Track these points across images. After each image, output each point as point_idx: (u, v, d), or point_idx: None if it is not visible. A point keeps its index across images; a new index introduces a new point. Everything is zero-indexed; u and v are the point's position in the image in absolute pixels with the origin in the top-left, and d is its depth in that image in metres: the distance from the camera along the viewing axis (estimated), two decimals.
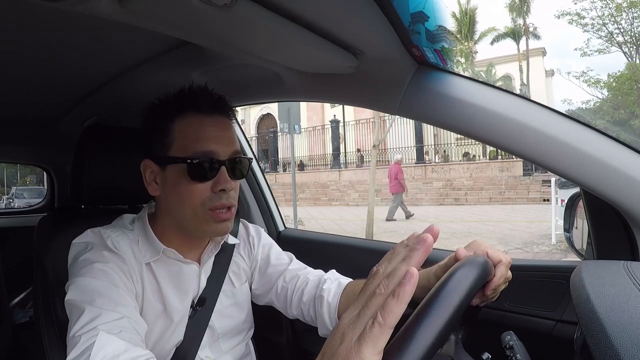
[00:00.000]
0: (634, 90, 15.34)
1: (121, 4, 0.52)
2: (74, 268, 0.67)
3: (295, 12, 0.59)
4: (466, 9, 19.27)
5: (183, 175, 0.68)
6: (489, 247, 0.61)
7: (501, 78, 20.73)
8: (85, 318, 0.57)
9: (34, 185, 17.59)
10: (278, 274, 0.88)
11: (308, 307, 0.83)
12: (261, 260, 0.90)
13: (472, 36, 19.56)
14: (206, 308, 0.79)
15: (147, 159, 0.73)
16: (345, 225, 8.86)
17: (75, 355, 0.54)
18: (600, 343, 0.43)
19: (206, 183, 0.69)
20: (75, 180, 0.91)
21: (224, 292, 0.83)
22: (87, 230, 0.74)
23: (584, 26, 16.44)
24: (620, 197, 0.65)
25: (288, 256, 0.93)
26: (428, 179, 13.65)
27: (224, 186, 0.69)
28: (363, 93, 0.84)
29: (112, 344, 0.54)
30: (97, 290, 0.62)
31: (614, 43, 16.43)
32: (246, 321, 0.88)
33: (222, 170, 0.70)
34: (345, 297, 0.80)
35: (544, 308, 0.88)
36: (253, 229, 0.94)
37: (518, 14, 20.04)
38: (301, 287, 0.85)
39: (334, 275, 0.86)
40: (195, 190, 0.69)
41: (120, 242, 0.71)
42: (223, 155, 0.70)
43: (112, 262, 0.67)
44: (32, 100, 1.22)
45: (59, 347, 0.84)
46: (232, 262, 0.87)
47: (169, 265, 0.76)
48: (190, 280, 0.78)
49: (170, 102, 0.72)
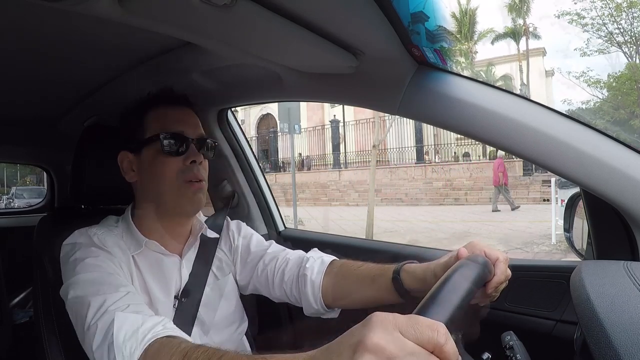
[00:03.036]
0: (634, 90, 15.34)
1: (121, 4, 0.52)
2: (67, 269, 0.71)
3: (295, 12, 0.59)
4: (466, 9, 19.32)
5: (158, 153, 0.77)
6: (485, 247, 0.62)
7: (501, 78, 20.72)
8: (93, 308, 0.60)
9: (33, 185, 17.60)
10: (258, 259, 0.90)
11: (291, 287, 0.84)
12: (242, 250, 0.93)
13: (472, 36, 19.57)
14: (192, 300, 0.82)
15: (123, 151, 0.82)
16: (345, 225, 8.90)
17: (99, 342, 0.57)
18: (600, 343, 0.43)
19: (178, 157, 0.77)
20: (75, 180, 0.91)
21: (209, 284, 0.86)
22: (75, 231, 0.77)
23: (583, 26, 16.48)
24: (620, 197, 0.65)
25: (268, 243, 0.95)
26: (428, 179, 13.64)
27: (195, 158, 0.78)
28: (363, 93, 0.84)
29: (128, 319, 0.57)
30: (96, 281, 0.66)
31: (613, 43, 16.47)
32: (235, 312, 0.90)
33: (191, 146, 0.79)
34: (331, 278, 0.80)
35: (544, 308, 0.88)
36: (234, 224, 0.98)
37: (518, 15, 20.07)
38: (281, 267, 0.86)
39: (316, 253, 0.87)
40: (169, 163, 0.77)
41: (106, 238, 0.76)
42: (192, 135, 0.80)
43: (102, 255, 0.72)
44: (32, 100, 1.23)
45: (59, 347, 0.84)
46: (215, 257, 0.89)
47: (150, 258, 0.80)
48: (172, 272, 0.82)
49: (143, 100, 0.83)
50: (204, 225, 0.88)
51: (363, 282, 0.76)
